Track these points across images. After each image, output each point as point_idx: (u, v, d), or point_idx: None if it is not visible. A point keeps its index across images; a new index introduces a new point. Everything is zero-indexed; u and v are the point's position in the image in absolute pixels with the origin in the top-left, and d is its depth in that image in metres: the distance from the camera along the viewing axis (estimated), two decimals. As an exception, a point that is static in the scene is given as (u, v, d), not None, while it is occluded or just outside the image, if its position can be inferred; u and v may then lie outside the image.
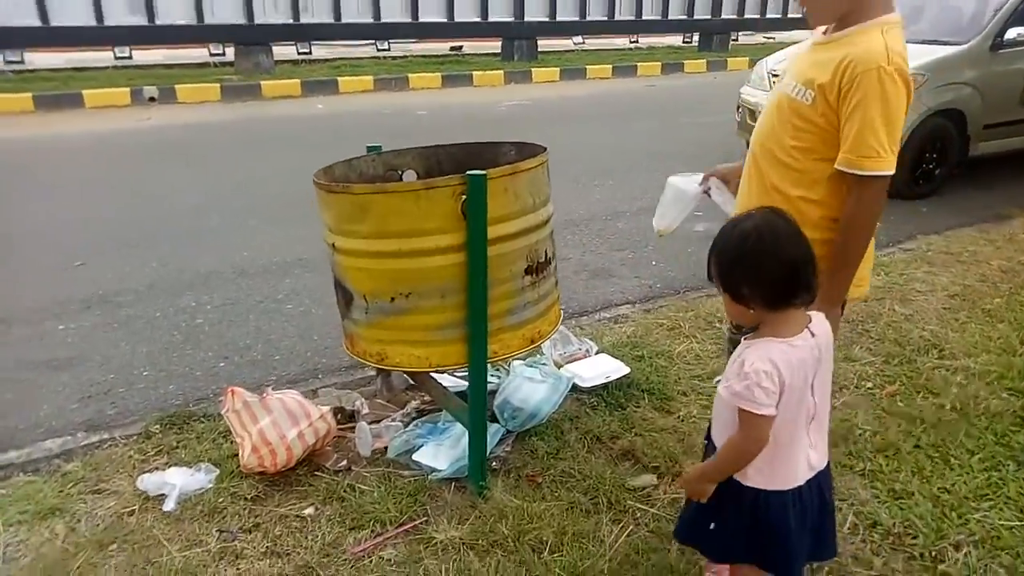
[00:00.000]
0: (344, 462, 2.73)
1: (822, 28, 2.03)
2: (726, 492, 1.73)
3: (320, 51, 15.15)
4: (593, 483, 2.57)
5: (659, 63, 15.96)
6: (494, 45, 16.05)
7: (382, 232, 2.32)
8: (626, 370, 3.21)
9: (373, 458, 2.77)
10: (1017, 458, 2.67)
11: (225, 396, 2.70)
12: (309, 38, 14.17)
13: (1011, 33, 6.33)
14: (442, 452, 2.66)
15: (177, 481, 2.56)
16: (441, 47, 16.39)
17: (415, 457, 2.69)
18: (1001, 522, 2.36)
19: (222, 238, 5.41)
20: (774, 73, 6.91)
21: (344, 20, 13.62)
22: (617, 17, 16.50)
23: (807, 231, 1.70)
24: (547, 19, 15.59)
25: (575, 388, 3.08)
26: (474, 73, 14.14)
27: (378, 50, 15.27)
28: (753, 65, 8.38)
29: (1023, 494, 2.49)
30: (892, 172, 1.89)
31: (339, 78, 12.97)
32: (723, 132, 7.94)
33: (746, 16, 18.06)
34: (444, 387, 2.75)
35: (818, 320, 1.70)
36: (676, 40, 18.94)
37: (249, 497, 2.55)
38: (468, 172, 2.24)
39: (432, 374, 2.73)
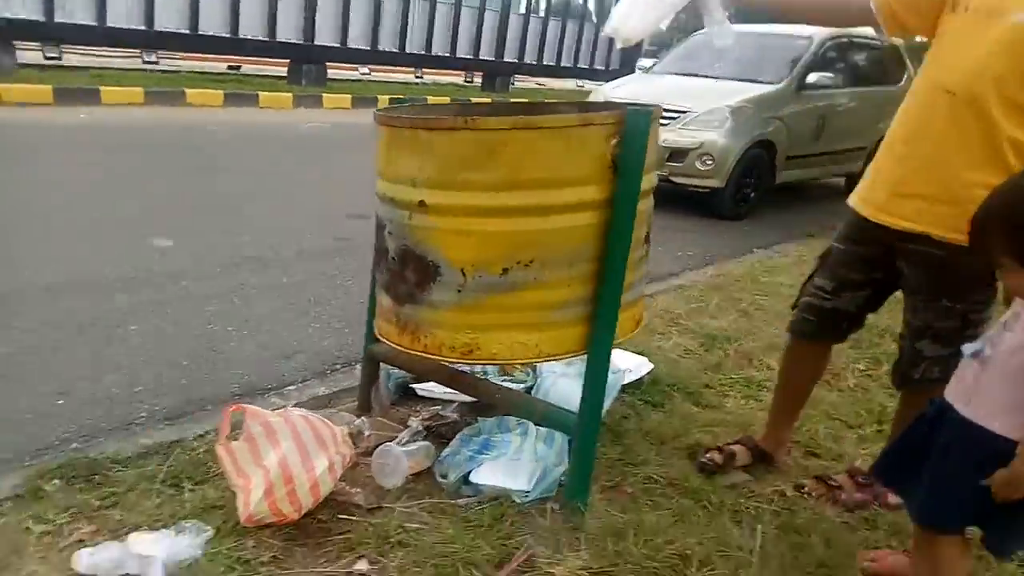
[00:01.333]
0: (372, 497, 2.07)
1: None
2: None
3: (73, 57, 13.11)
4: (688, 488, 2.19)
5: (447, 97, 16.10)
6: (277, 67, 15.08)
7: (514, 181, 1.77)
8: (650, 366, 2.87)
9: (406, 487, 2.13)
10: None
11: (223, 420, 1.91)
12: (63, 39, 12.12)
13: (811, 77, 7.07)
14: (513, 470, 2.11)
15: (156, 551, 1.72)
16: (217, 65, 15.00)
17: (474, 479, 2.10)
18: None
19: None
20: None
21: (109, 23, 11.86)
22: (407, 50, 16.34)
23: (1001, 176, 1.59)
24: (338, 44, 14.97)
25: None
26: (260, 94, 13.10)
27: (144, 61, 13.53)
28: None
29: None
30: None
31: (102, 87, 11.26)
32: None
33: (525, 61, 18.83)
34: (508, 387, 2.20)
35: None
36: (459, 78, 19.26)
37: (266, 560, 1.80)
38: (629, 107, 1.79)
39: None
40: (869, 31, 2.14)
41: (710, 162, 6.32)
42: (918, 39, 1.97)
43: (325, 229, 5.04)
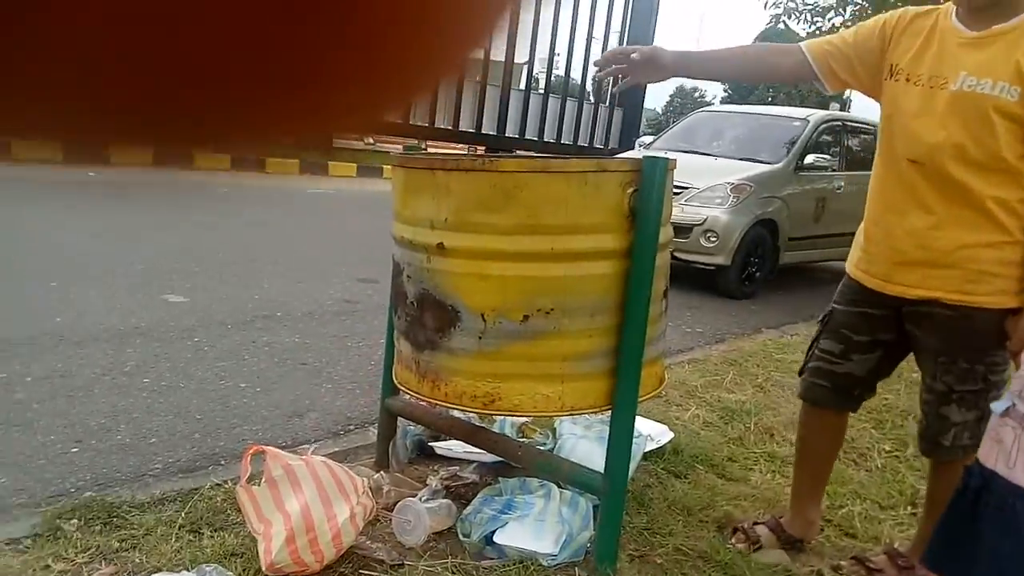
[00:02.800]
0: (394, 553, 1.99)
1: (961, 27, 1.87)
2: None
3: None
4: (720, 562, 2.11)
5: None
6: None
7: (532, 226, 1.77)
8: (671, 434, 2.81)
9: (428, 545, 2.05)
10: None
11: (244, 460, 1.85)
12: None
13: (809, 158, 7.21)
14: (538, 532, 2.03)
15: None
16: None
17: (498, 540, 2.02)
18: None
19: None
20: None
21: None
22: (411, 121, 16.68)
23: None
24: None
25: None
26: (267, 159, 13.30)
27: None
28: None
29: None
30: None
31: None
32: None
33: (526, 136, 19.24)
34: (530, 446, 2.15)
35: None
36: (462, 150, 19.63)
37: (286, 613, 1.72)
38: (644, 155, 1.81)
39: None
40: (864, 116, 2.26)
41: (714, 239, 6.35)
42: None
43: (335, 291, 5.02)
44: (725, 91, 44.71)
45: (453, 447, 2.46)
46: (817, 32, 12.01)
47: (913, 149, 1.84)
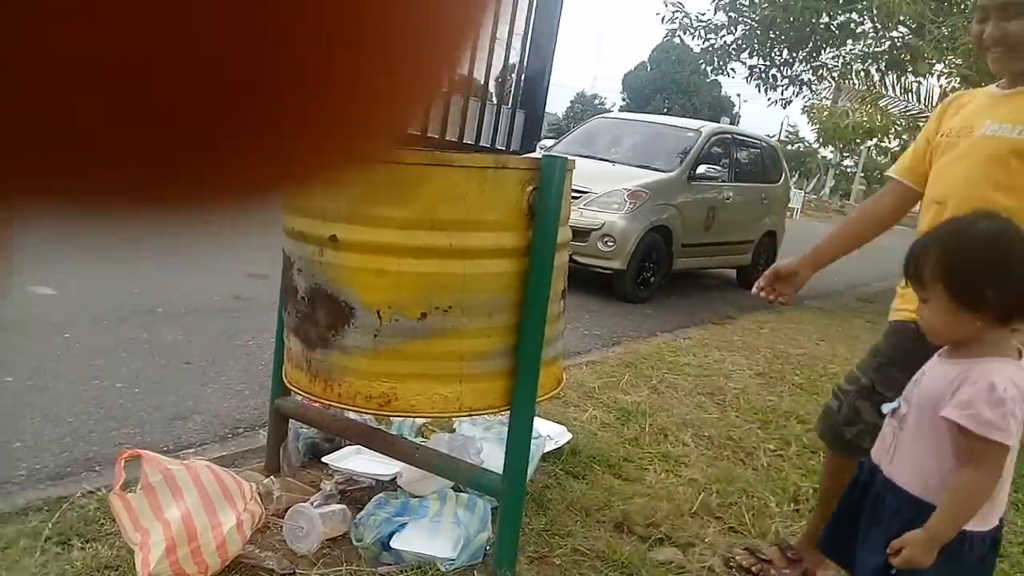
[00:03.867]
0: (285, 562, 1.89)
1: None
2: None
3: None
4: (617, 561, 2.12)
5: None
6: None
7: (431, 220, 1.72)
8: (569, 435, 2.82)
9: (321, 552, 1.97)
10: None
11: (117, 465, 1.71)
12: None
13: (701, 168, 7.48)
14: (434, 535, 1.98)
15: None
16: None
17: (395, 545, 1.96)
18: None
19: None
20: None
21: None
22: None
23: None
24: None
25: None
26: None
27: None
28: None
29: None
30: None
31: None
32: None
33: (428, 135, 19.10)
34: (428, 447, 2.09)
35: None
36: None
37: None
38: (543, 154, 1.80)
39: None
40: (751, 131, 2.32)
41: (612, 243, 6.47)
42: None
43: (222, 285, 4.80)
44: (623, 99, 45.90)
45: (348, 464, 2.37)
46: (710, 48, 12.48)
47: (937, 191, 1.93)
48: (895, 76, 10.73)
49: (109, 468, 2.40)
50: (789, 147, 16.56)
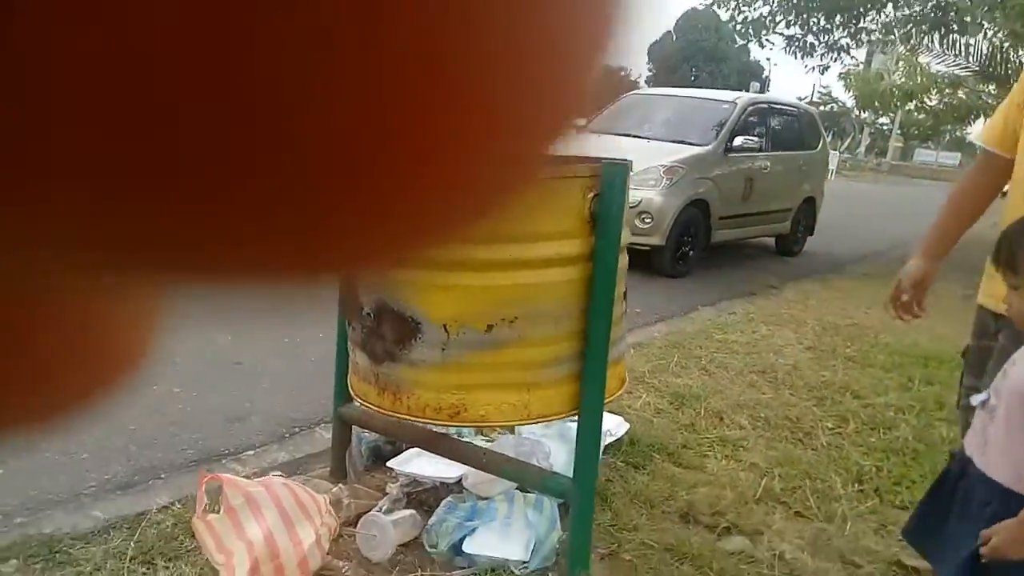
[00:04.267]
0: (362, 571, 1.93)
1: None
2: None
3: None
4: (687, 554, 2.13)
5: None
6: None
7: (494, 234, 1.72)
8: (626, 425, 2.82)
9: (395, 558, 2.00)
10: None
11: (199, 490, 1.75)
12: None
13: (737, 140, 7.36)
14: (505, 537, 2.01)
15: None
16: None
17: (467, 549, 1.99)
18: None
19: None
20: None
21: None
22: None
23: None
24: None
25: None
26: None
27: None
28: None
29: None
30: None
31: None
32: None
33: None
34: (495, 451, 2.11)
35: None
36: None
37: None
38: (604, 161, 1.78)
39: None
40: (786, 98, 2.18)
41: (649, 220, 6.43)
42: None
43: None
44: (649, 70, 45.14)
45: (412, 467, 2.38)
46: (745, 20, 12.17)
47: None
48: (939, 35, 10.43)
49: (175, 475, 2.47)
50: (822, 108, 16.21)
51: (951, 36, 10.29)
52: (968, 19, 9.57)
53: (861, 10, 11.20)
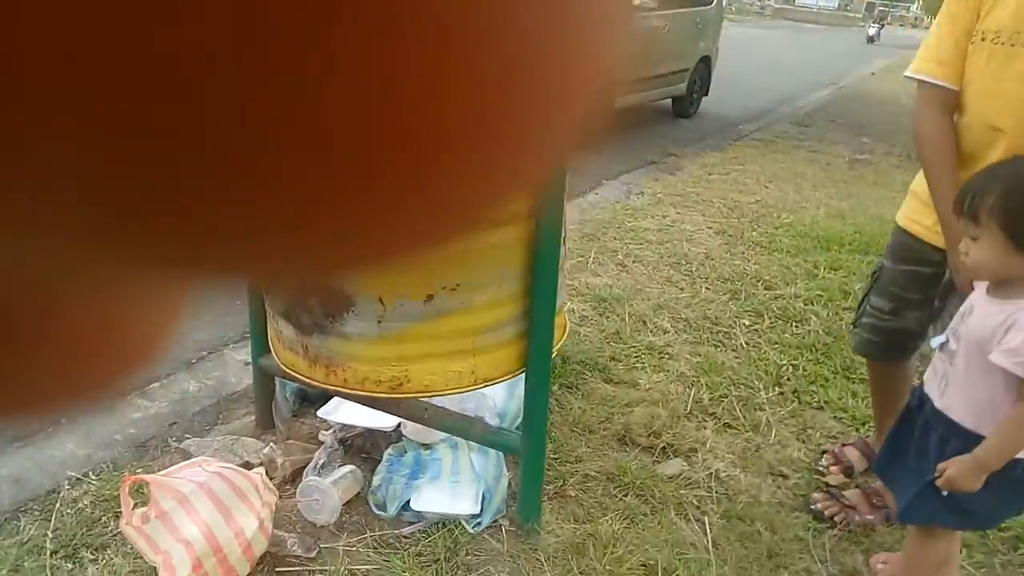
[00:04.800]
0: (309, 540, 1.87)
1: None
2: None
3: None
4: (629, 483, 2.17)
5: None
6: None
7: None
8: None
9: (341, 522, 1.95)
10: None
11: (122, 491, 1.60)
12: None
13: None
14: (456, 491, 1.98)
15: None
16: None
17: (416, 507, 1.95)
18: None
19: None
20: None
21: None
22: None
23: None
24: None
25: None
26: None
27: None
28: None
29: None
30: None
31: None
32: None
33: None
34: (437, 405, 2.03)
35: None
36: None
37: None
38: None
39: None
40: None
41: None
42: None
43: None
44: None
45: (344, 416, 2.28)
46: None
47: (996, 115, 1.69)
48: None
49: (78, 428, 2.28)
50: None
51: None
52: None
53: None
